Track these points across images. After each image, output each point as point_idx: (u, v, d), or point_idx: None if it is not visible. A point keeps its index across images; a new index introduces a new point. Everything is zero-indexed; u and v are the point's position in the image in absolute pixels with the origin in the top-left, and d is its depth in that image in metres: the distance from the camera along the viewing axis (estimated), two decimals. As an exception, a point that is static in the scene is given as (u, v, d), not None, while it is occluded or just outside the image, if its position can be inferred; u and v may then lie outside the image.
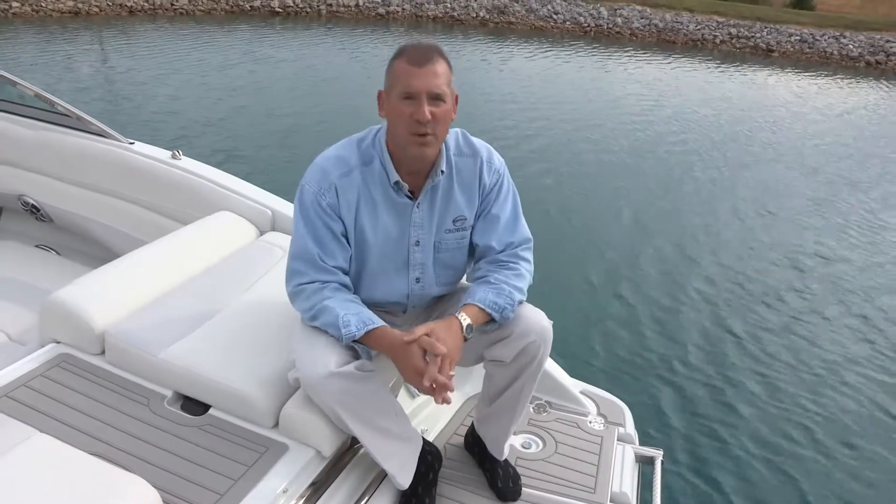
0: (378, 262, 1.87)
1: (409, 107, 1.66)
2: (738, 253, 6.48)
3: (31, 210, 3.32)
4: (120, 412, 1.90)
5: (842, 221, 7.67)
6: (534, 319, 1.82)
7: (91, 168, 3.12)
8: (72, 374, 2.02)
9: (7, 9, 16.29)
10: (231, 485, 1.71)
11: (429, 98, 1.65)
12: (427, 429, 2.24)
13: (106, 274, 2.29)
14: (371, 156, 1.80)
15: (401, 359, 1.70)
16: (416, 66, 1.65)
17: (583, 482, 2.07)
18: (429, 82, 1.65)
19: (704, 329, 5.00)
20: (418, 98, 1.65)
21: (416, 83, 1.65)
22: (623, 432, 2.34)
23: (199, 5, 19.58)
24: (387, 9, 22.36)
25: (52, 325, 2.14)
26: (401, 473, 1.85)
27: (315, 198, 1.77)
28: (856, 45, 22.30)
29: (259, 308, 2.23)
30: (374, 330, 1.73)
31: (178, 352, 1.99)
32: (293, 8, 21.06)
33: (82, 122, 3.10)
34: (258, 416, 1.89)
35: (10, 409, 1.85)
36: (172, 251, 2.49)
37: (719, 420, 3.98)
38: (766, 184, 8.79)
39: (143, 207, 3.08)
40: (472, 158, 1.87)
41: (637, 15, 24.17)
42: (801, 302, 5.60)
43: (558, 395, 2.45)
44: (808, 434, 3.95)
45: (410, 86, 1.65)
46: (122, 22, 17.26)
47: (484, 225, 1.90)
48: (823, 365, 4.69)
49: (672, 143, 10.35)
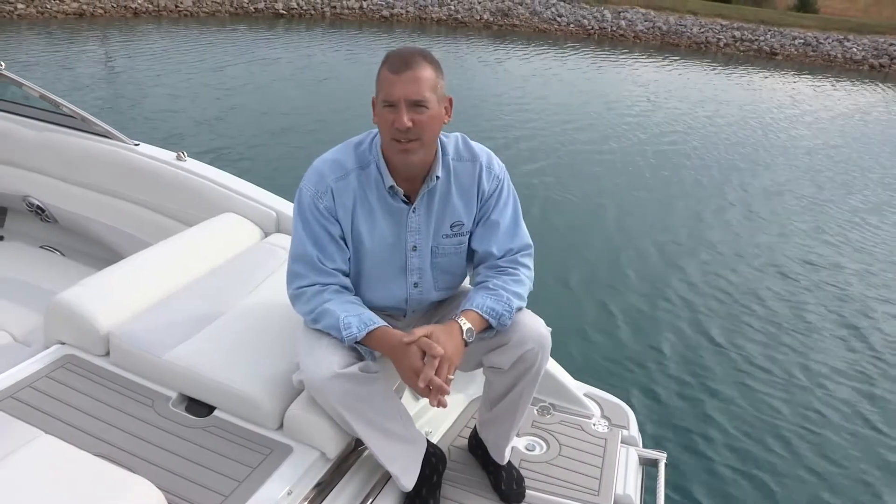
0: (375, 266, 1.87)
1: (390, 114, 1.66)
2: (745, 256, 6.47)
3: (36, 211, 3.33)
4: (124, 413, 1.90)
5: (853, 226, 7.66)
6: (532, 327, 1.81)
7: (96, 169, 3.13)
8: (76, 376, 2.03)
9: (12, 10, 16.35)
10: (235, 486, 1.71)
11: (408, 105, 1.64)
12: (431, 431, 2.24)
13: (111, 275, 2.30)
14: (368, 160, 1.80)
15: (399, 359, 1.70)
16: (395, 73, 1.65)
17: (586, 484, 2.07)
18: (407, 89, 1.64)
19: (709, 331, 4.99)
20: (398, 105, 1.64)
21: (395, 91, 1.64)
22: (627, 434, 2.33)
23: (203, 7, 19.63)
24: (391, 11, 22.39)
25: (56, 326, 2.15)
26: (405, 475, 1.85)
27: (312, 201, 1.78)
28: (860, 49, 22.29)
29: (263, 310, 2.23)
30: (375, 330, 1.73)
31: (183, 353, 1.99)
32: (297, 10, 21.11)
33: (87, 123, 3.11)
34: (262, 417, 1.89)
35: (16, 409, 1.86)
36: (177, 253, 2.50)
37: (723, 422, 3.98)
38: (774, 187, 8.77)
39: (147, 209, 3.08)
40: (471, 163, 1.86)
41: (641, 18, 24.18)
42: (810, 306, 5.58)
43: (562, 397, 2.44)
44: (813, 438, 3.94)
45: (390, 94, 1.65)
46: (126, 23, 17.30)
47: (484, 231, 1.89)
48: (832, 369, 4.68)
49: (675, 146, 10.34)
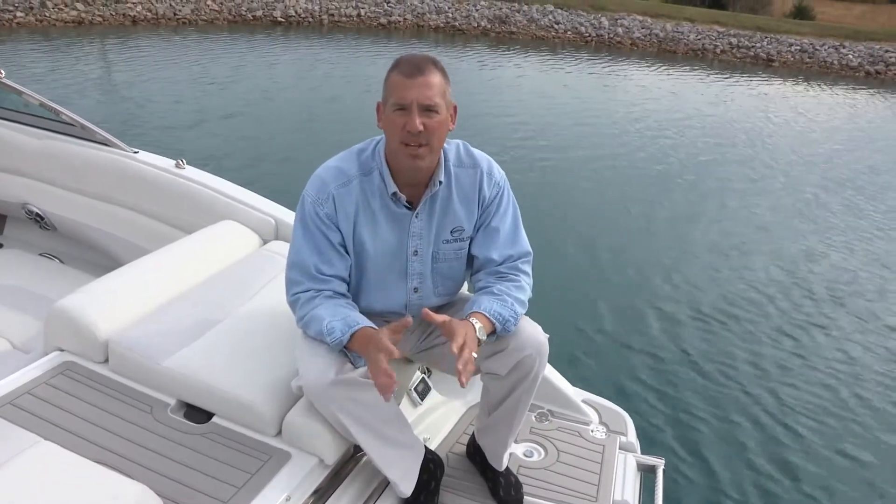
0: (377, 271, 1.88)
1: (401, 118, 1.68)
2: (741, 261, 6.48)
3: (36, 218, 3.34)
4: (124, 420, 1.91)
5: (852, 230, 7.68)
6: (530, 333, 1.82)
7: (95, 177, 3.14)
8: (76, 382, 2.03)
9: (11, 18, 16.36)
10: (234, 492, 1.71)
11: (420, 109, 1.67)
12: (429, 437, 2.24)
13: (110, 282, 2.30)
14: (370, 167, 1.82)
15: (372, 344, 1.63)
16: (408, 77, 1.67)
17: (585, 490, 2.08)
18: (420, 93, 1.66)
19: (706, 337, 5.00)
20: (410, 109, 1.67)
21: (408, 94, 1.66)
22: (625, 441, 2.34)
23: (201, 15, 19.64)
24: (388, 19, 22.43)
25: (56, 333, 2.15)
26: (403, 482, 1.86)
27: (313, 207, 1.79)
28: (855, 55, 22.35)
29: (262, 316, 2.23)
30: (357, 332, 1.70)
31: (182, 360, 2.00)
32: (295, 18, 21.13)
33: (87, 131, 3.12)
34: (261, 424, 1.90)
35: (15, 416, 1.86)
36: (176, 260, 2.51)
37: (721, 428, 3.98)
38: (771, 192, 8.80)
39: (146, 216, 3.09)
40: (472, 170, 1.88)
41: (638, 25, 24.24)
42: (805, 311, 5.59)
43: (560, 403, 2.45)
44: (811, 443, 3.94)
45: (402, 97, 1.67)
46: (125, 31, 17.33)
47: (484, 237, 1.91)
48: (828, 374, 4.69)
49: (670, 152, 10.35)
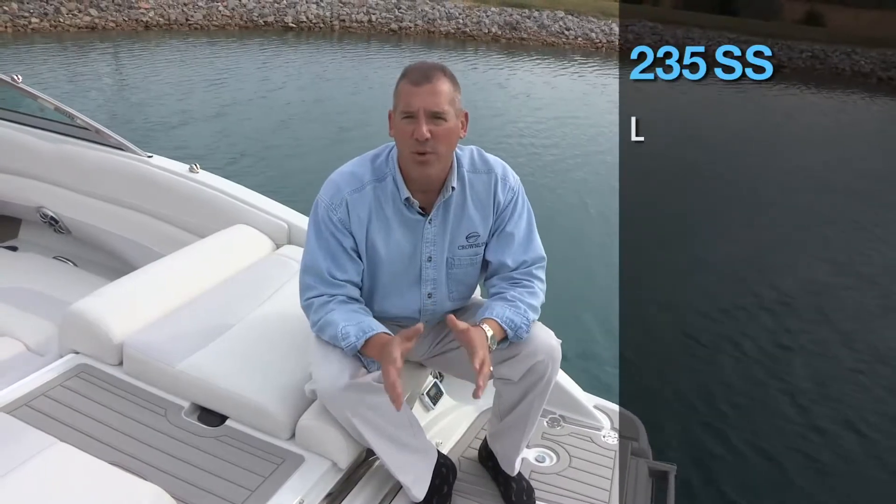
0: (390, 277, 1.88)
1: (409, 125, 1.68)
2: (753, 266, 6.44)
3: (50, 222, 3.36)
4: (138, 422, 1.92)
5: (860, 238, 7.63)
6: (542, 338, 1.82)
7: (109, 181, 3.16)
8: (90, 385, 2.04)
9: (26, 24, 16.55)
10: (247, 496, 1.72)
11: (427, 116, 1.67)
12: (442, 441, 2.24)
13: (124, 286, 2.32)
14: (384, 172, 1.82)
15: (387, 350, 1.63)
16: (415, 85, 1.68)
17: (596, 496, 2.07)
18: (427, 101, 1.67)
19: (719, 341, 4.98)
20: (417, 116, 1.67)
21: (415, 102, 1.67)
22: (637, 447, 2.33)
23: (213, 20, 19.78)
24: (399, 24, 22.50)
25: (71, 335, 2.17)
26: (416, 486, 1.86)
27: (326, 212, 1.80)
28: (867, 62, 22.24)
29: (275, 320, 2.24)
30: (372, 337, 1.71)
31: (196, 363, 2.01)
32: (306, 23, 21.23)
33: (101, 135, 3.14)
34: (275, 427, 1.90)
35: (31, 418, 1.87)
36: (190, 264, 2.52)
37: (734, 435, 3.95)
38: (782, 199, 8.75)
39: (160, 220, 3.11)
40: (486, 175, 1.87)
41: (648, 31, 24.20)
42: (821, 318, 5.55)
43: (572, 409, 2.44)
44: (825, 450, 3.91)
45: (410, 105, 1.68)
46: (137, 37, 17.46)
47: (498, 242, 1.90)
48: (842, 380, 4.65)
49: (683, 159, 10.32)
